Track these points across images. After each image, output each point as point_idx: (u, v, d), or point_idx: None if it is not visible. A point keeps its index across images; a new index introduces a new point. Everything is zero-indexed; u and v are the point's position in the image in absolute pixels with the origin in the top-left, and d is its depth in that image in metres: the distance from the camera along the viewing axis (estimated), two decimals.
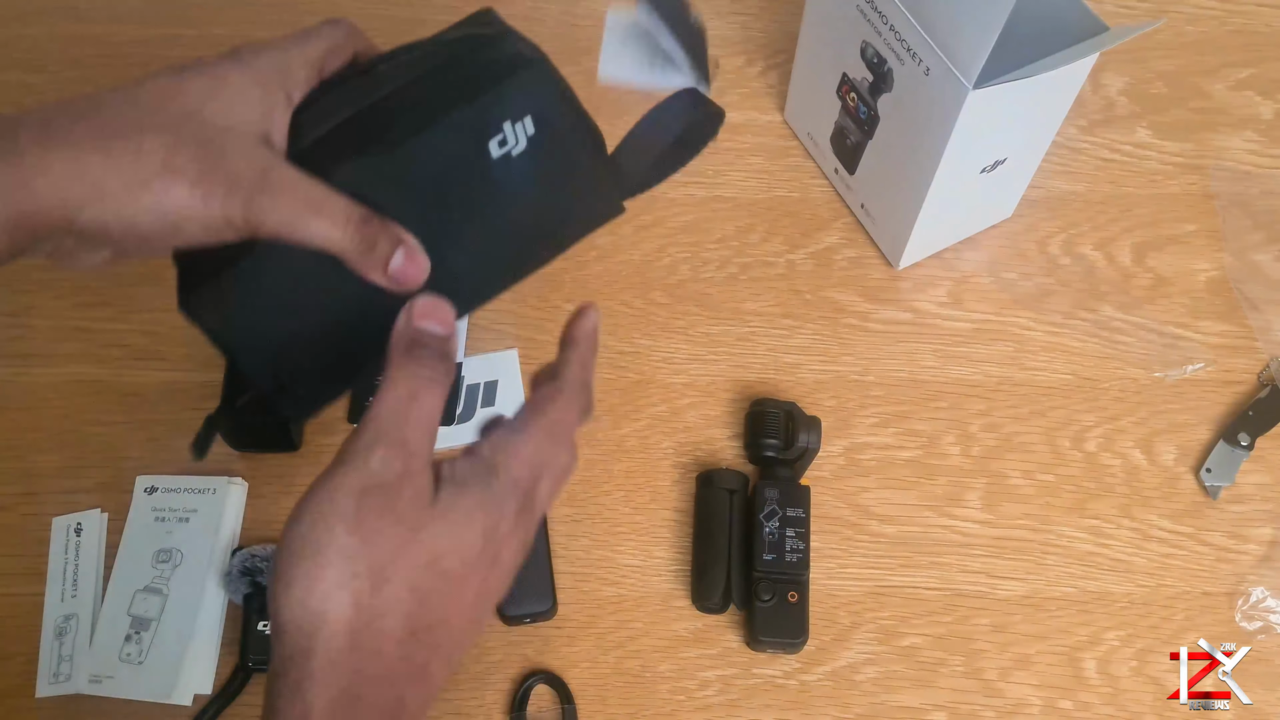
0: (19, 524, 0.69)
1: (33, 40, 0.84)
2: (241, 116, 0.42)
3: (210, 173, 0.39)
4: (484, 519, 0.39)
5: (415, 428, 0.39)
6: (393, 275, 0.42)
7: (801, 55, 0.77)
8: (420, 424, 0.39)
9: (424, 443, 0.39)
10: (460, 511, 0.39)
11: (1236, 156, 0.82)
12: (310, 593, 0.36)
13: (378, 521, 0.37)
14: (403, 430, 0.39)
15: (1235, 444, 0.71)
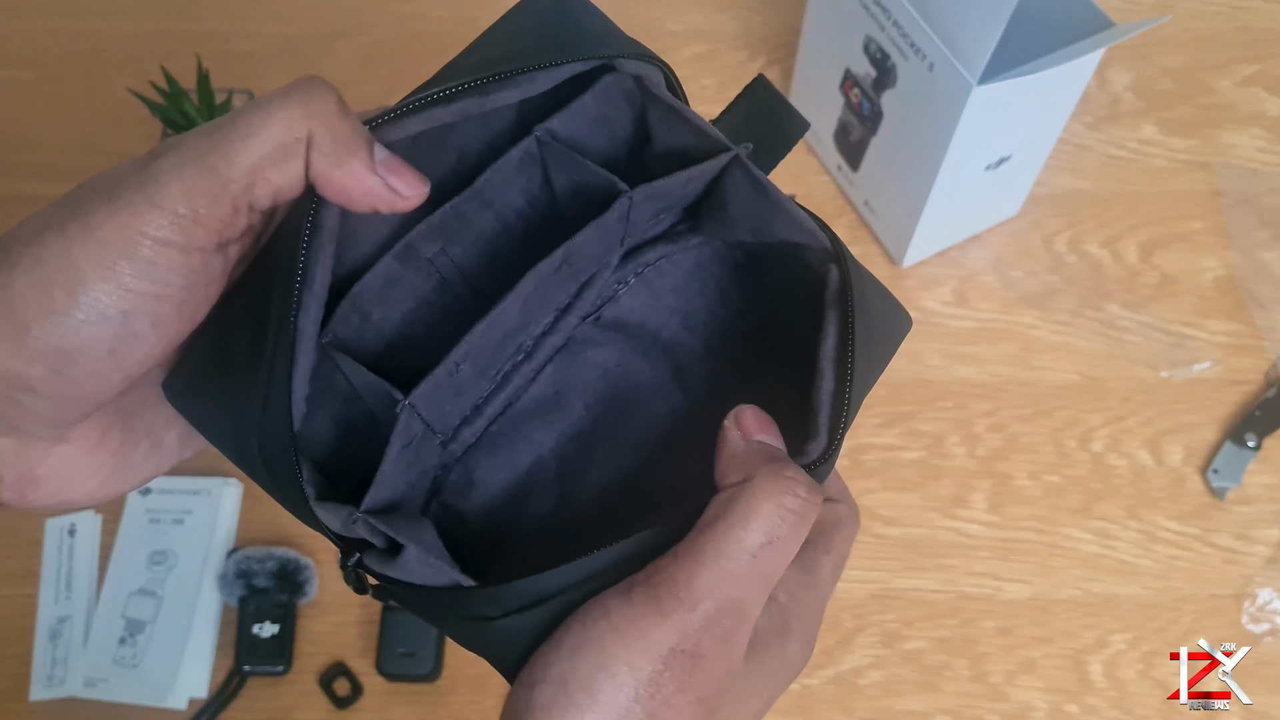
0: (12, 525, 0.68)
1: (24, 35, 0.83)
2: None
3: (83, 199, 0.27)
4: (771, 689, 0.30)
5: (758, 584, 0.28)
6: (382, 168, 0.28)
7: (804, 50, 0.76)
8: (766, 579, 0.28)
9: (759, 603, 0.29)
10: (754, 681, 0.29)
11: (1243, 153, 0.81)
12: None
13: (676, 695, 0.27)
14: (744, 584, 0.28)
15: (1242, 444, 0.70)
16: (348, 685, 0.65)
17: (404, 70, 0.81)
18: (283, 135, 0.26)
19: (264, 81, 0.79)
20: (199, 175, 0.25)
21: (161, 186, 0.25)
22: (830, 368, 0.31)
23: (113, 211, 0.25)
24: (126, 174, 0.26)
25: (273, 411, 0.27)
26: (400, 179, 0.28)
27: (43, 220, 0.26)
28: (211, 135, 0.26)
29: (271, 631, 0.64)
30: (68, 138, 0.79)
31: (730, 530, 0.28)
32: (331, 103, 0.27)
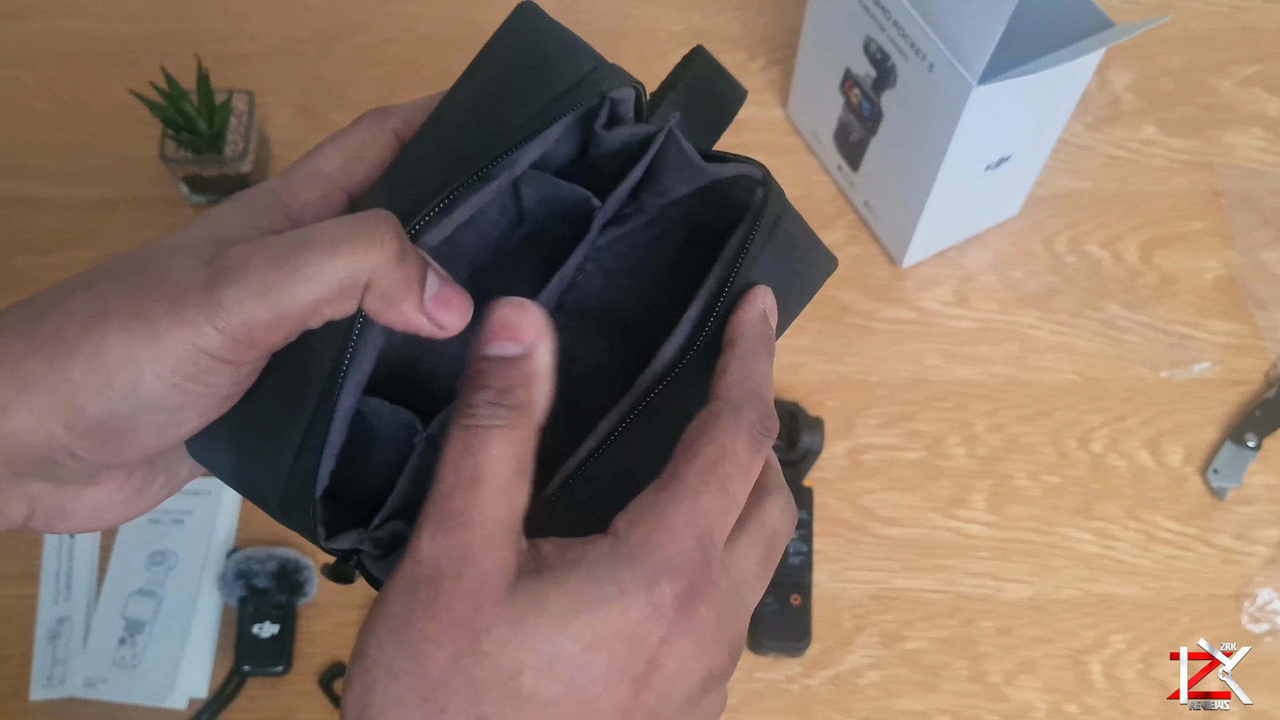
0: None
1: (24, 37, 0.83)
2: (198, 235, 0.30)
3: (146, 296, 0.27)
4: (602, 620, 0.26)
5: (472, 492, 0.27)
6: (430, 306, 0.29)
7: (804, 51, 0.76)
8: (480, 486, 0.27)
9: (490, 512, 0.27)
10: (552, 610, 0.26)
11: (1244, 153, 0.81)
12: (358, 715, 0.27)
13: (428, 624, 0.26)
14: (455, 499, 0.27)
15: (1242, 444, 0.70)
16: None
17: (403, 71, 0.81)
18: (343, 281, 0.28)
19: (264, 82, 0.79)
20: (260, 309, 0.27)
21: (224, 313, 0.27)
22: (720, 268, 0.32)
23: (176, 323, 0.27)
24: (193, 288, 0.27)
25: (299, 479, 0.29)
26: (447, 313, 0.29)
27: (97, 307, 0.27)
28: (276, 267, 0.27)
29: (271, 632, 0.64)
30: (68, 138, 0.79)
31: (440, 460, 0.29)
32: (393, 250, 0.28)
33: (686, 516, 0.28)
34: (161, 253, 0.29)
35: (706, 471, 0.29)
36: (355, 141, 0.33)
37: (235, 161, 0.72)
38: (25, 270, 0.74)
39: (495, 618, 0.26)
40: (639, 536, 0.27)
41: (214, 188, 0.75)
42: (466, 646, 0.26)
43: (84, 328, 0.27)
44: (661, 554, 0.27)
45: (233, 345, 0.27)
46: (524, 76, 0.32)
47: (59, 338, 0.27)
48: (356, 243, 0.27)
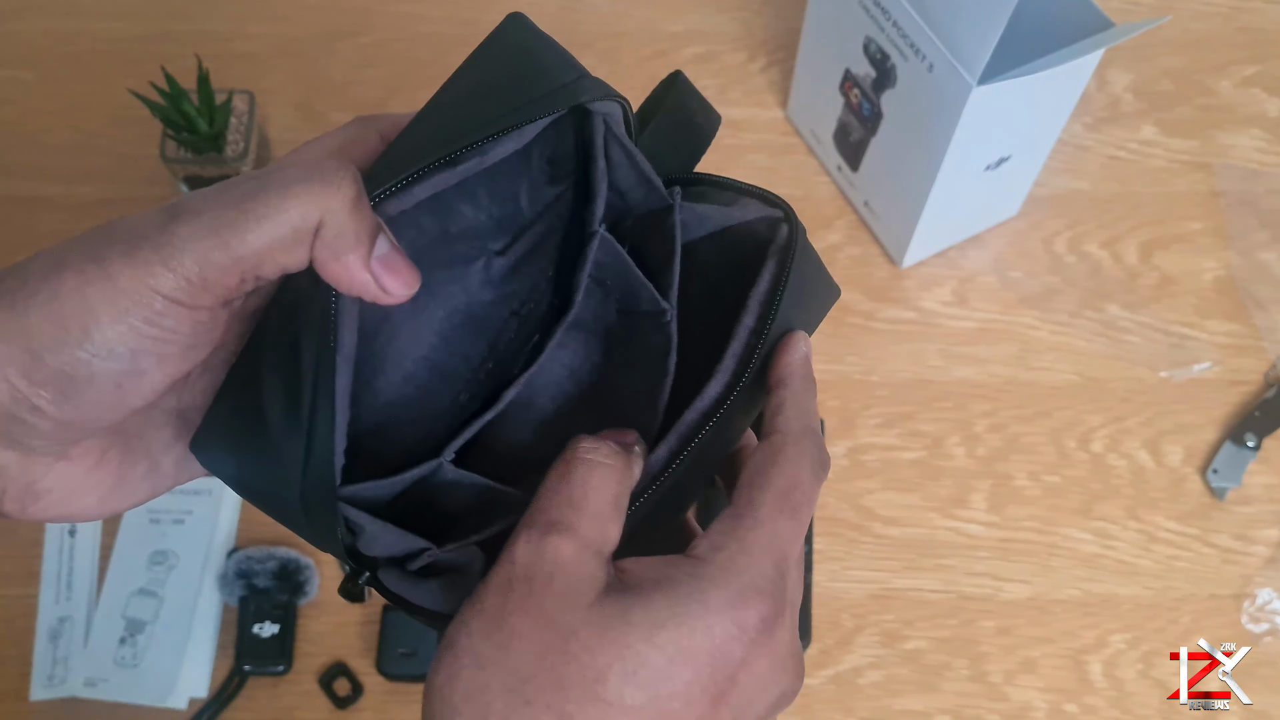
0: (13, 526, 0.68)
1: (26, 36, 0.83)
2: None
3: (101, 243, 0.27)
4: (686, 637, 0.27)
5: (573, 509, 0.30)
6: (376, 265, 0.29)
7: (804, 51, 0.76)
8: (581, 507, 0.30)
9: (585, 530, 0.29)
10: (638, 621, 0.27)
11: (1243, 154, 0.81)
12: (443, 697, 0.28)
13: (520, 621, 0.28)
14: (554, 511, 0.30)
15: (1242, 445, 0.70)
16: (348, 685, 0.65)
17: (404, 71, 0.81)
18: (296, 222, 0.27)
19: (264, 81, 0.79)
20: (212, 248, 0.27)
21: (176, 252, 0.27)
22: (756, 306, 0.33)
23: (129, 264, 0.27)
24: (147, 231, 0.27)
25: (315, 471, 0.29)
26: (392, 278, 0.29)
27: (58, 257, 0.27)
28: (229, 208, 0.27)
29: (272, 631, 0.64)
30: (68, 138, 0.79)
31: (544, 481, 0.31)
32: (348, 196, 0.28)
33: (766, 542, 0.30)
34: (128, 217, 0.29)
35: (781, 499, 0.30)
36: (338, 140, 0.34)
37: (235, 161, 0.72)
38: None
39: (583, 621, 0.27)
40: (723, 560, 0.29)
41: None
42: (555, 644, 0.27)
43: (42, 277, 0.27)
44: (745, 577, 0.29)
45: (187, 287, 0.27)
46: (505, 81, 0.33)
47: (18, 289, 0.27)
48: (312, 183, 0.27)
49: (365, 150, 0.34)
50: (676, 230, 0.34)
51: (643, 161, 0.34)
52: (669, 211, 0.35)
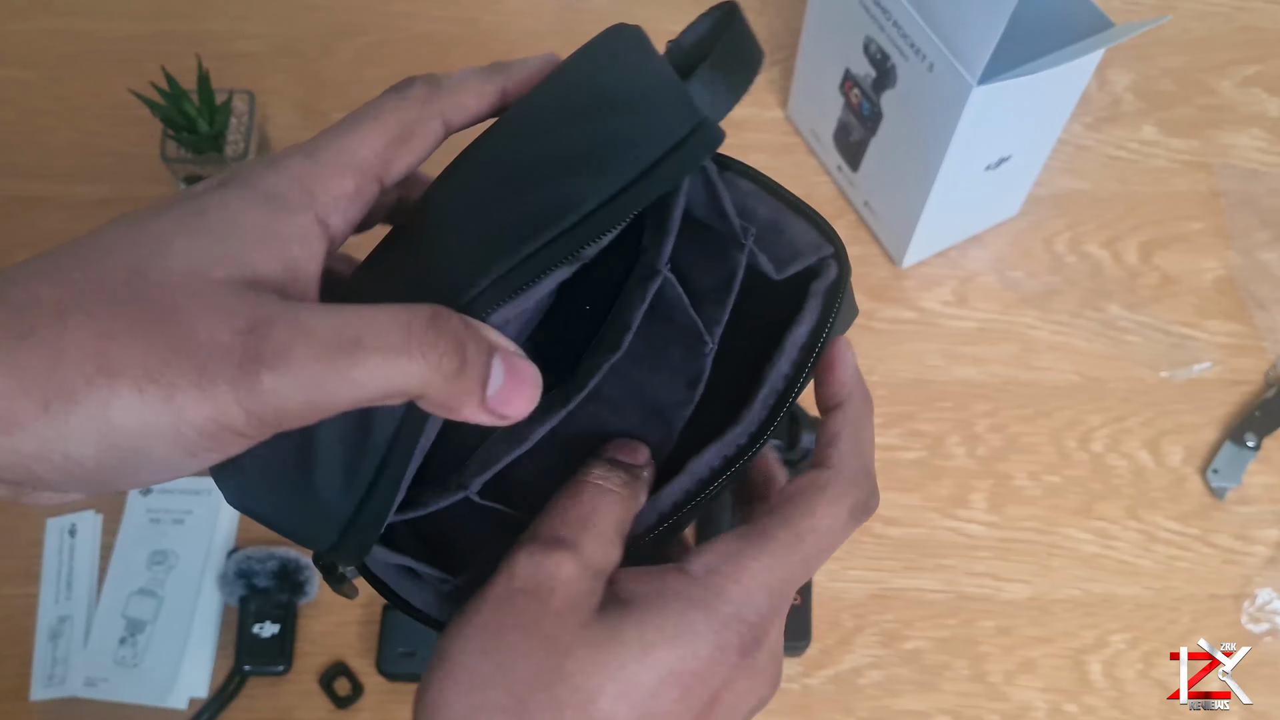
0: (13, 525, 0.68)
1: (25, 36, 0.83)
2: (215, 257, 0.25)
3: (166, 358, 0.24)
4: (675, 658, 0.28)
5: (577, 526, 0.29)
6: (493, 404, 0.26)
7: (804, 51, 0.76)
8: (585, 527, 0.30)
9: (587, 549, 0.29)
10: (629, 641, 0.28)
11: (1244, 154, 0.81)
12: (438, 712, 0.27)
13: (518, 638, 0.28)
14: (559, 528, 0.29)
15: (1242, 445, 0.70)
16: (348, 685, 0.65)
17: (404, 71, 0.80)
18: (392, 391, 0.25)
19: (264, 81, 0.79)
20: (298, 402, 0.24)
21: (258, 401, 0.24)
22: (794, 352, 0.32)
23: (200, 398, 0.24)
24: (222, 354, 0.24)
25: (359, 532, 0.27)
26: (509, 407, 0.27)
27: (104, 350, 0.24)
28: (322, 361, 0.24)
29: (272, 631, 0.64)
30: (68, 138, 0.79)
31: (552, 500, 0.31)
32: (450, 368, 0.25)
33: (765, 576, 0.29)
34: (178, 290, 0.25)
35: (799, 541, 0.30)
36: (398, 123, 0.29)
37: (236, 161, 0.72)
38: None
39: (578, 640, 0.27)
40: (715, 585, 0.29)
41: None
42: (551, 664, 0.27)
43: (87, 378, 0.23)
44: (733, 607, 0.29)
45: (257, 425, 0.25)
46: (617, 127, 0.28)
47: (55, 380, 0.23)
48: (412, 355, 0.25)
49: (427, 140, 0.30)
50: (740, 269, 0.32)
51: (724, 193, 0.31)
52: (737, 248, 0.32)
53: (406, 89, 0.30)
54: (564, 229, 0.27)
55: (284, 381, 0.24)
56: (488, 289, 0.26)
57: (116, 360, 0.23)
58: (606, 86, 0.29)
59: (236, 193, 0.27)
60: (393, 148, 0.29)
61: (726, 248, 0.32)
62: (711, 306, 0.32)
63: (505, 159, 0.29)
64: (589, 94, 0.30)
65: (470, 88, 0.31)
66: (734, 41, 0.30)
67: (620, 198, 0.27)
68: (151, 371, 0.23)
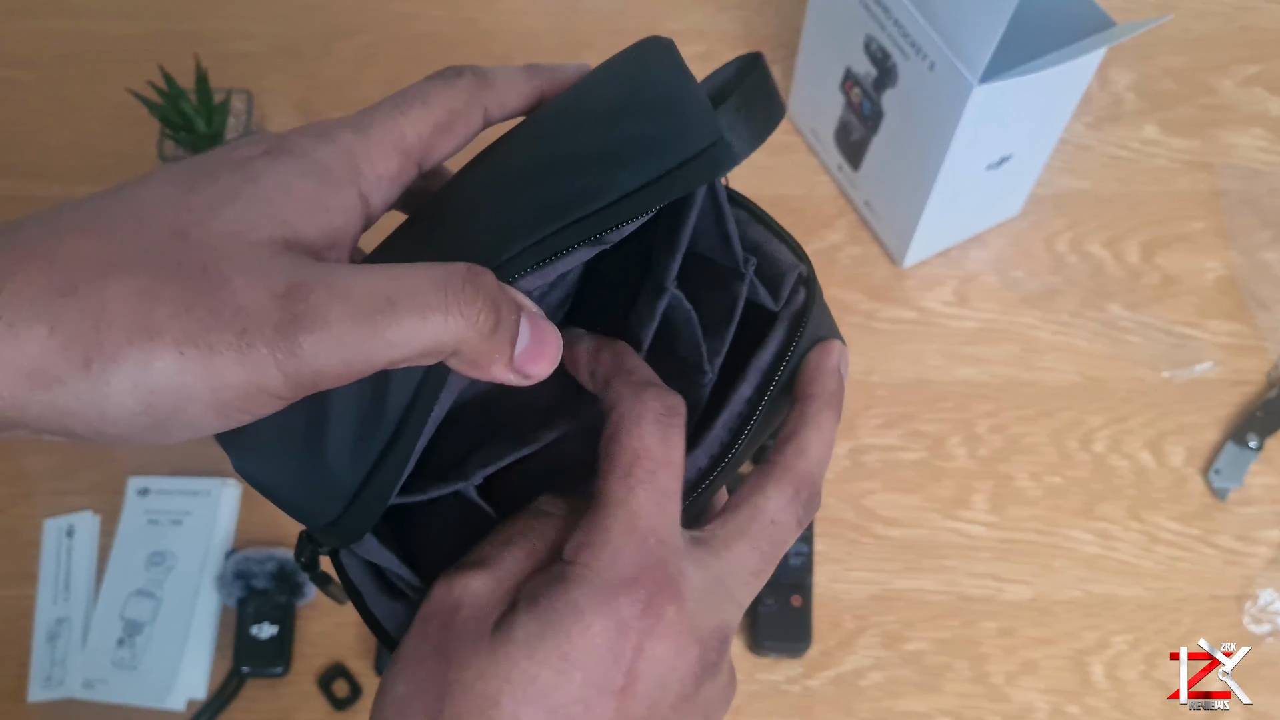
0: (10, 526, 0.68)
1: (23, 36, 0.83)
2: (259, 221, 0.26)
3: (206, 320, 0.24)
4: (565, 643, 0.27)
5: (499, 545, 0.30)
6: (519, 363, 0.27)
7: (805, 50, 0.76)
8: (509, 542, 0.30)
9: (510, 562, 0.29)
10: (519, 638, 0.27)
11: (1245, 154, 0.81)
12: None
13: (428, 658, 0.28)
14: (486, 549, 0.30)
15: (1244, 445, 0.70)
16: (346, 686, 0.65)
17: (403, 71, 0.81)
18: (427, 350, 0.26)
19: (263, 81, 0.79)
20: (335, 362, 0.25)
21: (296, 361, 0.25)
22: (756, 377, 0.32)
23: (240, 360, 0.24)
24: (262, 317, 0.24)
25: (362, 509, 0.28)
26: (535, 365, 0.28)
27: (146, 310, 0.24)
28: (361, 323, 0.25)
29: (270, 633, 0.64)
30: (67, 138, 0.79)
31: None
32: (487, 325, 0.26)
33: (624, 524, 0.28)
34: (220, 252, 0.25)
35: (625, 474, 0.28)
36: (446, 111, 0.30)
37: None
38: None
39: (477, 650, 0.27)
40: (586, 558, 0.28)
41: None
42: (457, 679, 0.27)
43: (129, 337, 0.23)
44: (611, 570, 0.27)
45: (294, 387, 0.25)
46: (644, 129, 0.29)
47: (98, 339, 0.23)
48: (449, 312, 0.25)
49: (469, 130, 0.31)
50: (741, 300, 0.32)
51: (729, 218, 0.32)
52: (737, 279, 0.32)
53: (455, 78, 0.31)
54: (590, 211, 0.27)
55: (321, 343, 0.24)
56: (518, 255, 0.27)
57: (158, 321, 0.24)
58: (637, 90, 0.30)
59: (288, 162, 0.27)
60: (437, 134, 0.30)
61: (727, 281, 0.32)
62: (712, 339, 0.32)
63: (534, 152, 0.30)
64: (620, 96, 0.30)
65: (514, 85, 0.31)
66: (758, 88, 0.32)
67: (644, 191, 0.28)
68: (192, 334, 0.24)
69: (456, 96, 0.30)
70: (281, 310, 0.24)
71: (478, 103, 0.31)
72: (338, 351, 0.25)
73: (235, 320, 0.24)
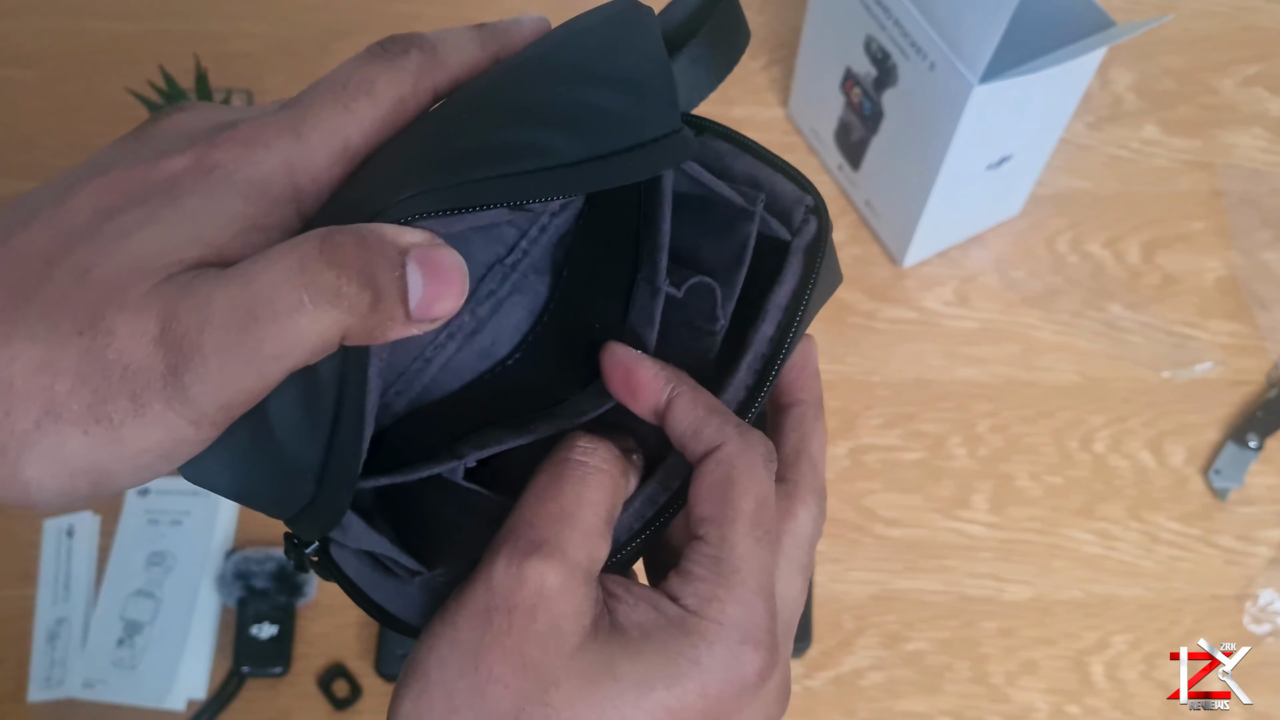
0: (10, 526, 0.68)
1: (23, 35, 0.83)
2: (173, 245, 0.24)
3: (101, 391, 0.23)
4: (678, 700, 0.25)
5: (559, 527, 0.26)
6: (419, 314, 0.24)
7: (805, 50, 0.75)
8: (569, 523, 0.27)
9: (572, 552, 0.26)
10: (625, 678, 0.25)
11: (1245, 154, 0.81)
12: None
13: (497, 660, 0.25)
14: (538, 528, 0.26)
15: (1244, 445, 0.70)
16: (347, 687, 0.65)
17: None
18: (314, 351, 0.24)
19: (262, 81, 0.79)
20: (231, 393, 0.23)
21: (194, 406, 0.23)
22: (778, 314, 0.30)
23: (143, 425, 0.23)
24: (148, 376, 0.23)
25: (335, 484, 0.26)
26: (439, 307, 0.24)
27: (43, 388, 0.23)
28: (235, 352, 0.23)
29: (270, 633, 0.64)
30: (65, 138, 0.79)
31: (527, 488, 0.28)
32: (362, 298, 0.23)
33: (755, 584, 0.27)
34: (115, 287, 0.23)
35: (753, 527, 0.27)
36: (393, 101, 0.27)
37: None
38: None
39: (566, 670, 0.25)
40: (715, 614, 0.26)
41: None
42: (534, 694, 0.25)
43: (35, 421, 0.23)
44: (740, 631, 0.26)
45: (208, 428, 0.24)
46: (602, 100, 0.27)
47: (8, 424, 0.23)
48: (316, 305, 0.23)
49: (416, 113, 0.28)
50: (751, 241, 0.30)
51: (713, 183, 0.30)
52: (745, 218, 0.30)
53: (401, 57, 0.28)
54: (522, 170, 0.25)
55: (207, 381, 0.23)
56: (414, 196, 0.25)
57: (59, 399, 0.23)
58: (604, 57, 0.28)
59: (218, 181, 0.25)
60: (383, 128, 0.27)
61: (734, 220, 0.31)
62: (723, 285, 0.30)
63: (484, 100, 0.28)
64: (583, 60, 0.28)
65: (465, 57, 0.29)
66: (726, 19, 0.29)
67: (581, 167, 0.25)
68: (93, 409, 0.23)
69: (404, 81, 0.28)
70: (162, 357, 0.23)
71: (427, 83, 0.28)
72: (226, 383, 0.23)
73: (126, 384, 0.23)
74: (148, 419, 0.23)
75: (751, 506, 0.27)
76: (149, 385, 0.23)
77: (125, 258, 0.24)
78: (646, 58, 0.28)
